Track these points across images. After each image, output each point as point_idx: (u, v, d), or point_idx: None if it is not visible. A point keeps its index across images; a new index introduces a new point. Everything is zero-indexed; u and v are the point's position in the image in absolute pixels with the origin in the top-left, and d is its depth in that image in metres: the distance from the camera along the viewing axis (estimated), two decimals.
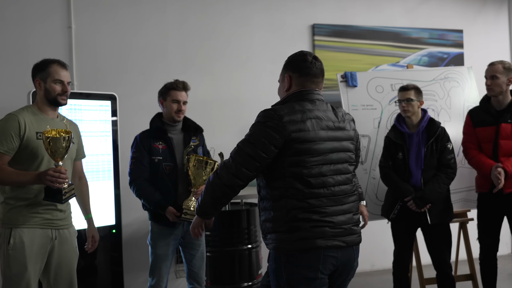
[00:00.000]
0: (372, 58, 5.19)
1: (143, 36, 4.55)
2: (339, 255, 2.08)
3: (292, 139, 2.03)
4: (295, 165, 2.04)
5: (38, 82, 2.67)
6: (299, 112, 2.08)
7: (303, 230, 2.02)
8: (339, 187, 2.11)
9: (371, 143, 4.03)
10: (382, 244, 4.89)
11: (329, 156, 2.09)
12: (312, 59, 2.20)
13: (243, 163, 2.03)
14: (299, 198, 2.03)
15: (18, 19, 4.23)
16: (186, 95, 3.17)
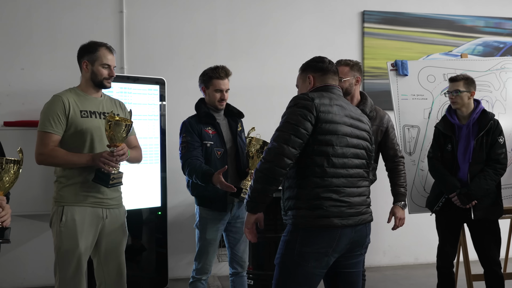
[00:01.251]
0: (423, 47, 5.04)
1: (193, 21, 4.59)
2: (353, 234, 2.23)
3: (321, 119, 2.18)
4: (323, 143, 2.18)
5: (86, 63, 2.70)
6: (327, 97, 2.26)
7: (322, 209, 2.16)
8: (356, 170, 2.27)
9: (420, 134, 3.93)
10: (427, 236, 4.78)
11: (350, 140, 2.25)
12: (328, 60, 2.43)
13: (288, 142, 2.14)
14: (322, 177, 2.18)
15: (72, 4, 4.35)
16: (228, 82, 3.12)
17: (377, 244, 4.97)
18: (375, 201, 4.85)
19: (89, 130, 2.65)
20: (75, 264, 2.60)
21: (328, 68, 2.40)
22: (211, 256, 3.10)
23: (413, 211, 3.89)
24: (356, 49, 4.92)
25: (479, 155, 3.30)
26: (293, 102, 2.26)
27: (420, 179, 3.88)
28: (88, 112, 2.68)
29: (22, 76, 4.25)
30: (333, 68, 2.43)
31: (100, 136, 2.67)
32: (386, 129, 3.22)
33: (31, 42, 4.28)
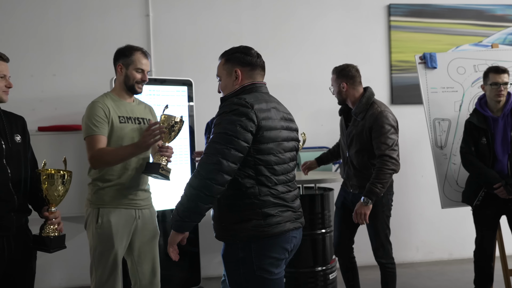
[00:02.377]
0: (452, 38, 4.95)
1: (218, 21, 4.62)
2: (298, 235, 2.25)
3: (262, 126, 2.06)
4: (265, 152, 2.09)
5: (120, 67, 2.74)
6: (263, 101, 2.13)
7: (275, 216, 2.10)
8: (292, 173, 2.25)
9: (451, 127, 3.86)
10: (461, 232, 4.71)
11: (287, 144, 2.19)
12: (256, 53, 2.26)
13: (228, 157, 1.98)
14: (269, 185, 2.10)
15: (99, 8, 4.43)
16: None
17: (409, 240, 4.92)
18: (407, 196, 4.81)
19: (126, 135, 2.68)
20: (111, 264, 2.65)
21: (257, 63, 2.23)
22: None
23: (446, 206, 3.83)
24: (383, 43, 4.87)
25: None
26: (229, 108, 2.06)
27: (453, 173, 3.82)
28: (125, 118, 2.71)
29: (54, 82, 4.36)
30: (261, 62, 2.25)
31: (134, 141, 2.69)
32: (369, 128, 3.14)
33: (61, 48, 4.38)
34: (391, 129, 3.12)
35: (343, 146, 3.39)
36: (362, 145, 3.20)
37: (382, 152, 3.07)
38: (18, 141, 2.36)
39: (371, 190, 3.06)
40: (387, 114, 3.15)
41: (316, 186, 4.02)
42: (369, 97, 3.23)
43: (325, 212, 3.81)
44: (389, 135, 3.10)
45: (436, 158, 3.85)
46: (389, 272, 3.30)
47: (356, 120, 3.23)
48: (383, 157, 3.07)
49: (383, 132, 3.09)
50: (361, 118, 3.20)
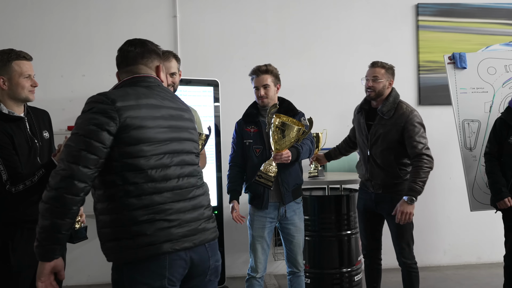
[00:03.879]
0: (482, 38, 4.86)
1: (244, 22, 4.63)
2: (188, 257, 1.83)
3: (127, 125, 1.76)
4: (132, 155, 1.76)
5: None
6: (133, 95, 1.84)
7: (146, 235, 1.75)
8: (186, 180, 1.88)
9: (481, 128, 3.80)
10: (490, 235, 4.62)
11: (170, 146, 1.86)
12: (134, 42, 2.03)
13: (79, 161, 1.70)
14: (139, 196, 1.76)
15: (128, 10, 4.50)
16: (266, 78, 3.11)
17: (437, 243, 4.84)
18: (434, 198, 4.74)
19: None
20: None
21: (132, 55, 1.97)
22: (260, 253, 3.14)
23: (475, 209, 3.76)
24: (411, 43, 4.81)
25: None
26: (88, 106, 1.79)
27: (482, 176, 3.75)
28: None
29: (83, 83, 4.44)
30: (141, 50, 1.98)
31: None
32: (403, 128, 3.14)
33: (90, 49, 4.46)
34: (423, 128, 3.17)
35: (363, 145, 3.36)
36: (390, 144, 3.19)
37: (419, 151, 3.10)
38: (46, 137, 2.47)
39: (414, 188, 3.07)
40: (417, 113, 3.20)
41: (342, 187, 4.00)
42: (396, 97, 3.26)
43: (350, 213, 3.79)
44: (422, 134, 3.15)
45: (465, 160, 3.79)
46: (414, 272, 3.27)
47: (382, 119, 3.22)
48: (421, 156, 3.10)
49: (417, 132, 3.13)
50: (388, 117, 3.20)
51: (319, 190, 4.13)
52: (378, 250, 3.44)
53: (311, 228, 3.77)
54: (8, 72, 2.33)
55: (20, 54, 2.37)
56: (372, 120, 3.28)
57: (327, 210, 3.79)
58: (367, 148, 3.30)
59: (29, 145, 2.34)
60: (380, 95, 3.24)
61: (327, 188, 3.98)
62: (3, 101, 2.35)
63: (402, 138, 3.16)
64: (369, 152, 3.28)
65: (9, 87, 2.33)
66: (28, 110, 2.46)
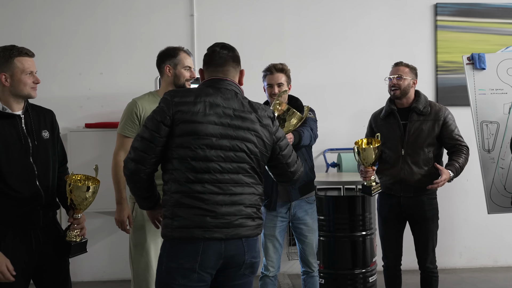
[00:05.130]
0: (502, 38, 4.79)
1: (261, 22, 4.63)
2: (223, 248, 1.97)
3: (178, 118, 1.99)
4: (181, 146, 1.99)
5: (168, 68, 2.83)
6: (194, 94, 2.06)
7: (182, 217, 1.96)
8: (227, 175, 2.01)
9: (500, 130, 3.74)
10: (508, 238, 4.57)
11: (219, 142, 2.01)
12: (216, 49, 2.17)
13: (141, 147, 2.00)
14: (182, 182, 1.98)
15: (146, 9, 4.53)
16: (280, 77, 3.12)
17: (452, 245, 4.80)
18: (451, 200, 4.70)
19: None
20: (144, 258, 2.74)
21: (211, 60, 2.16)
22: (271, 252, 3.13)
23: (493, 211, 3.72)
24: (429, 43, 4.77)
25: None
26: (160, 101, 2.10)
27: (500, 178, 3.70)
28: None
29: (101, 80, 4.48)
30: (219, 56, 2.15)
31: None
32: (443, 122, 3.21)
33: (108, 47, 4.50)
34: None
35: (394, 146, 3.25)
36: (431, 140, 3.20)
37: (464, 142, 3.23)
38: (46, 137, 2.38)
39: (457, 167, 3.13)
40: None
41: (357, 187, 3.98)
42: (425, 95, 3.32)
43: (365, 214, 3.77)
44: (458, 128, 3.28)
45: (483, 162, 3.74)
46: (435, 277, 3.24)
47: (420, 116, 3.21)
48: (465, 147, 3.23)
49: (455, 126, 3.26)
50: (426, 113, 3.21)
51: (334, 190, 4.12)
52: (400, 257, 3.37)
53: (326, 228, 3.76)
54: (10, 68, 2.27)
55: (22, 50, 2.31)
56: (404, 120, 3.24)
57: (342, 210, 3.78)
58: (400, 148, 3.22)
59: (21, 143, 2.28)
60: (405, 93, 3.23)
61: (343, 188, 3.96)
62: (4, 98, 2.29)
63: (441, 133, 3.21)
64: (403, 152, 3.21)
65: (11, 84, 2.28)
66: (28, 108, 2.37)
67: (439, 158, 3.26)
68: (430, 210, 3.16)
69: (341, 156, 4.40)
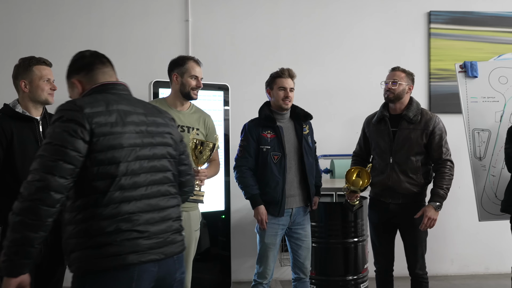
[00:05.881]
0: (494, 47, 4.83)
1: (256, 27, 4.65)
2: (156, 269, 1.79)
3: (97, 132, 1.73)
4: (103, 162, 1.73)
5: (176, 76, 2.87)
6: (103, 102, 1.80)
7: (112, 245, 1.71)
8: (156, 188, 1.84)
9: (491, 138, 3.77)
10: (499, 246, 4.59)
11: (142, 152, 1.82)
12: (90, 53, 2.00)
13: (54, 171, 1.66)
14: (107, 205, 1.72)
15: (141, 14, 4.54)
16: (292, 82, 3.15)
17: (444, 252, 4.81)
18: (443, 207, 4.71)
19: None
20: None
21: (93, 62, 1.94)
22: (270, 261, 3.13)
23: (484, 219, 3.74)
24: (422, 51, 4.80)
25: None
26: (58, 114, 1.75)
27: (491, 185, 3.73)
28: None
29: None
30: (101, 59, 1.97)
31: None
32: (431, 132, 3.18)
33: (103, 52, 4.42)
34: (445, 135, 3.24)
35: (383, 152, 3.26)
36: (419, 149, 3.19)
37: (446, 157, 3.17)
38: None
39: (441, 194, 3.11)
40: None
41: None
42: (418, 103, 3.30)
43: (358, 220, 3.78)
44: (447, 140, 3.22)
45: (475, 169, 3.77)
46: (425, 283, 3.25)
47: (410, 124, 3.20)
48: (448, 162, 3.17)
49: (443, 137, 3.20)
50: (416, 122, 3.19)
51: (327, 196, 4.13)
52: (392, 262, 3.39)
53: (318, 234, 3.76)
54: (29, 76, 2.53)
55: (40, 59, 2.59)
56: (395, 127, 3.25)
57: (334, 217, 3.79)
58: (389, 156, 3.23)
59: (37, 146, 2.42)
60: (399, 98, 3.23)
61: (335, 194, 3.97)
62: (23, 103, 2.53)
63: (428, 143, 3.19)
64: (392, 159, 3.21)
65: (29, 90, 2.54)
66: (46, 115, 2.61)
67: (428, 167, 3.27)
68: (419, 217, 3.18)
69: (334, 163, 4.41)
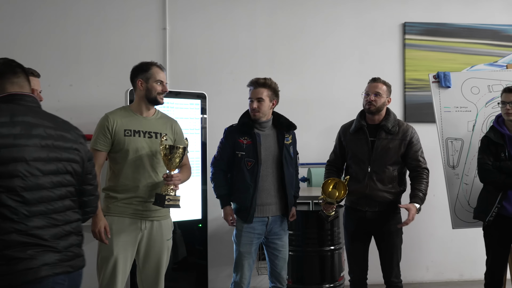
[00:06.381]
0: (467, 58, 4.94)
1: (233, 36, 4.67)
2: (67, 283, 1.81)
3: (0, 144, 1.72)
4: (5, 176, 1.70)
5: (140, 82, 2.85)
6: (7, 112, 1.78)
7: (22, 259, 1.70)
8: (60, 203, 1.85)
9: (464, 147, 3.85)
10: (473, 253, 4.65)
11: (48, 166, 1.81)
12: (2, 61, 1.96)
13: None
14: (13, 219, 1.70)
15: (118, 21, 4.51)
16: (259, 91, 3.12)
17: (419, 260, 4.87)
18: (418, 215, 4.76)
19: (131, 148, 2.77)
20: (110, 270, 2.73)
21: (3, 71, 1.90)
22: (246, 269, 3.12)
23: (457, 226, 3.80)
24: (397, 61, 4.88)
25: None
26: None
27: (464, 193, 3.79)
28: (131, 131, 2.80)
29: (70, 92, 4.43)
30: (13, 69, 1.92)
31: (141, 154, 2.79)
32: (409, 142, 3.26)
33: (79, 59, 4.45)
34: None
35: (361, 161, 3.28)
36: (397, 159, 3.24)
37: (424, 165, 3.27)
38: None
39: (421, 197, 3.19)
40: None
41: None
42: (394, 114, 3.37)
43: (334, 229, 3.80)
44: (422, 150, 3.31)
45: (448, 177, 3.83)
46: None
47: (388, 134, 3.25)
48: (425, 170, 3.27)
49: (420, 147, 3.29)
50: (394, 132, 3.25)
51: (304, 205, 4.14)
52: (366, 271, 3.41)
53: (295, 243, 3.77)
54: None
55: (28, 70, 2.45)
56: (373, 136, 3.28)
57: (311, 225, 3.80)
58: (367, 165, 3.26)
59: None
60: (380, 110, 3.28)
61: (311, 203, 3.99)
62: None
63: (406, 152, 3.26)
64: (370, 168, 3.25)
65: None
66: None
67: (403, 176, 3.32)
68: (394, 225, 3.22)
69: (311, 171, 4.43)
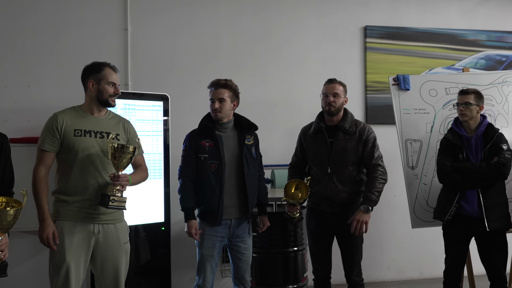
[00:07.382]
0: (425, 61, 5.06)
1: (196, 37, 4.64)
2: None
3: None
4: None
5: (92, 83, 2.78)
6: None
7: None
8: None
9: (423, 148, 3.94)
10: (432, 251, 4.76)
11: None
12: None
13: None
14: None
15: (78, 21, 4.40)
16: (220, 92, 3.12)
17: (381, 259, 4.95)
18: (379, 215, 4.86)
19: (81, 149, 2.71)
20: (63, 277, 2.64)
21: None
22: (208, 272, 3.10)
23: (417, 226, 3.89)
24: (359, 64, 4.96)
25: None
26: None
27: (423, 194, 3.88)
28: (82, 131, 2.74)
29: (28, 94, 4.29)
30: None
31: (92, 155, 2.72)
32: (365, 140, 3.30)
33: (37, 59, 4.33)
34: (377, 142, 3.34)
35: (321, 162, 3.32)
36: (356, 158, 3.28)
37: (376, 161, 3.24)
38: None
39: (370, 198, 3.16)
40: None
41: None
42: (352, 114, 3.39)
43: (297, 230, 3.82)
44: (378, 147, 3.31)
45: (408, 178, 3.92)
46: None
47: (346, 135, 3.29)
48: (378, 166, 3.23)
49: (375, 145, 3.29)
50: (352, 133, 3.28)
51: (267, 206, 4.14)
52: (329, 270, 3.45)
53: (259, 245, 3.77)
54: None
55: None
56: (332, 137, 3.32)
57: (274, 227, 3.80)
58: (327, 166, 3.29)
59: None
60: (339, 111, 3.33)
61: (275, 204, 4.01)
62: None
63: (363, 151, 3.28)
64: (330, 169, 3.28)
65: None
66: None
67: (362, 175, 3.36)
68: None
69: (274, 173, 4.45)
